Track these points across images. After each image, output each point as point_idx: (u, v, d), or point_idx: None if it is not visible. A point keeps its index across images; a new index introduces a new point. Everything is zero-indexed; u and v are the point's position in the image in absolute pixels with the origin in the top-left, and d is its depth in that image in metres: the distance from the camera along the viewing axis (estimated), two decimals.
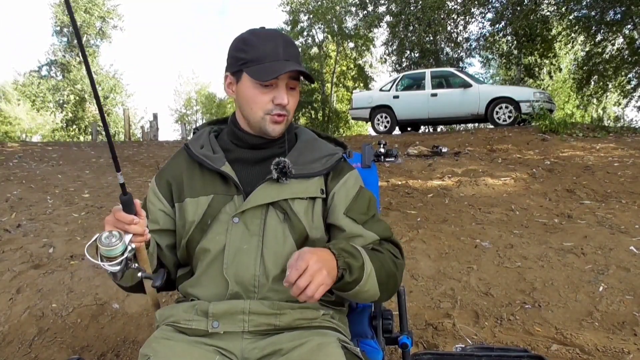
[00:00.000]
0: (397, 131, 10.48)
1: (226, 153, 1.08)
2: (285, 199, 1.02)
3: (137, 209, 0.87)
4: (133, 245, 0.89)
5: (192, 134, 1.19)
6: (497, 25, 14.78)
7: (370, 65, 22.62)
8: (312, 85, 21.09)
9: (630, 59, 13.03)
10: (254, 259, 1.00)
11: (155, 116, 16.01)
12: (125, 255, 0.87)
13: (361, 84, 21.39)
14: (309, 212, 1.04)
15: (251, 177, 1.05)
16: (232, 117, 1.12)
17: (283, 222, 1.02)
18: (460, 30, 16.32)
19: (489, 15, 15.39)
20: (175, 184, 1.09)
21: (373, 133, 10.72)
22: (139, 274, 0.93)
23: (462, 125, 13.38)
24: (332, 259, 0.88)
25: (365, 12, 17.76)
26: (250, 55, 0.99)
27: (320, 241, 1.05)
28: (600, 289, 2.63)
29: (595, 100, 15.58)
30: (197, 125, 1.24)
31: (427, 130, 11.78)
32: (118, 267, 0.87)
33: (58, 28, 23.65)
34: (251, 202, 1.00)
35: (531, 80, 15.75)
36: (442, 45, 16.87)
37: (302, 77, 1.05)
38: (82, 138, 21.50)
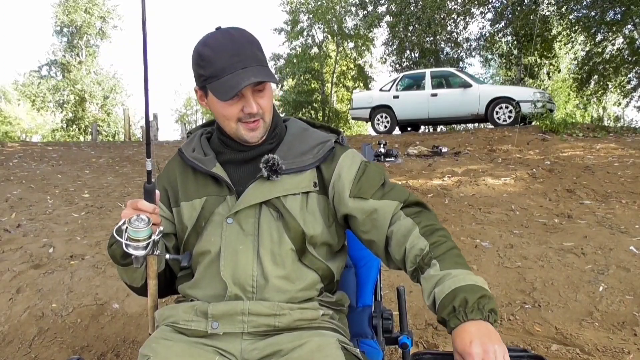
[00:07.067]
0: (397, 131, 10.47)
1: (218, 155, 1.08)
2: (277, 197, 1.00)
3: (157, 199, 0.94)
4: (161, 228, 0.94)
5: (187, 137, 1.19)
6: (497, 25, 14.79)
7: (370, 65, 22.61)
8: (312, 85, 21.08)
9: (630, 59, 13.04)
10: (250, 259, 0.99)
11: (155, 116, 15.99)
12: (153, 238, 0.91)
13: (361, 84, 21.35)
14: (304, 208, 1.02)
15: (242, 177, 1.05)
16: (217, 121, 1.11)
17: (277, 220, 1.01)
18: (460, 30, 16.33)
19: (489, 15, 15.42)
20: (170, 189, 1.10)
21: (373, 133, 10.70)
22: (167, 256, 0.99)
23: (462, 125, 13.36)
24: (479, 325, 0.79)
25: (365, 12, 17.73)
26: (208, 71, 0.97)
27: (321, 236, 1.03)
28: (600, 289, 2.63)
29: (595, 100, 15.58)
30: (197, 125, 1.24)
31: (427, 130, 11.77)
32: (144, 251, 0.91)
33: (58, 28, 23.61)
34: (244, 202, 1.00)
35: (531, 80, 15.75)
36: (442, 45, 16.87)
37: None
38: (82, 138, 21.46)
